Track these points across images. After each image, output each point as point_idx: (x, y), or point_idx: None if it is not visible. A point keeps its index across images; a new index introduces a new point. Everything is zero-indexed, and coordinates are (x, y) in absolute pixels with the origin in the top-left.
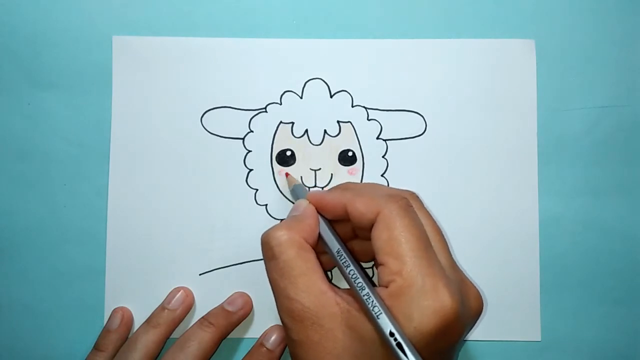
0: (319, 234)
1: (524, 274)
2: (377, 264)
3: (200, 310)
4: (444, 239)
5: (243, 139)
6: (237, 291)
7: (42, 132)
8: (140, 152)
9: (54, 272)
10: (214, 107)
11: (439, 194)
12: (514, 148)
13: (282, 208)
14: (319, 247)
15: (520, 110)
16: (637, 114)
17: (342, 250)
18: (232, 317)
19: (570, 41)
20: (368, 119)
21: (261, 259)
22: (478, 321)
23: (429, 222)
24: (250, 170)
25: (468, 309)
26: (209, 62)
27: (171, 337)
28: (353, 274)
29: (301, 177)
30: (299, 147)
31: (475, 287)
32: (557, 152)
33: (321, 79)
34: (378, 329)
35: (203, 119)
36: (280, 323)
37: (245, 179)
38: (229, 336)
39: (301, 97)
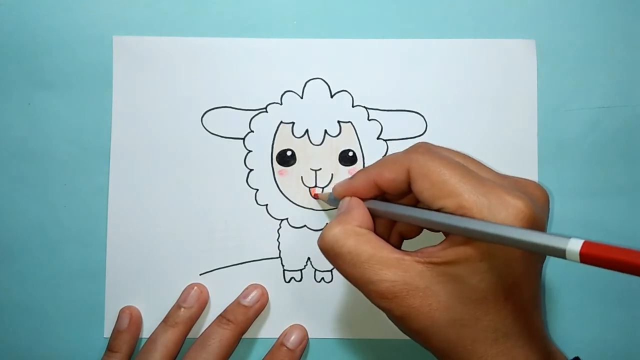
0: (376, 214)
1: None
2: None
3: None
4: (474, 158)
5: (243, 139)
6: (251, 284)
7: (42, 132)
8: (141, 152)
9: (54, 272)
10: (214, 107)
11: None
12: (514, 148)
13: (282, 208)
14: (380, 228)
15: (520, 110)
16: (637, 114)
17: (407, 205)
18: (250, 312)
19: (570, 41)
20: (369, 119)
21: (262, 259)
22: None
23: (451, 151)
24: (251, 170)
25: (536, 202)
26: (209, 62)
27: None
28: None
29: (301, 177)
30: (300, 147)
31: (528, 180)
32: (557, 152)
33: (321, 79)
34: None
35: (203, 119)
36: (298, 322)
37: (245, 179)
38: (243, 336)
39: (302, 97)
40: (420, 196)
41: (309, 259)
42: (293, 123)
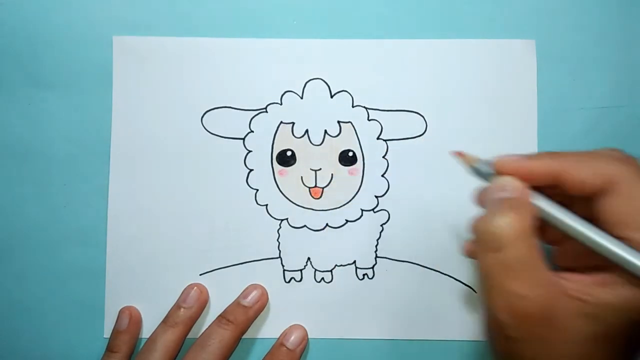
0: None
1: None
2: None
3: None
4: None
5: (243, 139)
6: (251, 284)
7: (42, 132)
8: (141, 152)
9: (54, 272)
10: (214, 107)
11: (440, 194)
12: (514, 148)
13: (282, 208)
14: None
15: (520, 110)
16: (637, 114)
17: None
18: (250, 312)
19: (570, 41)
20: (368, 119)
21: (262, 259)
22: (479, 321)
23: None
24: (251, 170)
25: None
26: (209, 62)
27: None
28: (606, 242)
29: (301, 177)
30: (300, 147)
31: None
32: None
33: (321, 79)
34: None
35: (203, 119)
36: (298, 322)
37: (245, 179)
38: (243, 336)
39: (301, 97)
40: (605, 215)
41: (309, 259)
42: (293, 123)
